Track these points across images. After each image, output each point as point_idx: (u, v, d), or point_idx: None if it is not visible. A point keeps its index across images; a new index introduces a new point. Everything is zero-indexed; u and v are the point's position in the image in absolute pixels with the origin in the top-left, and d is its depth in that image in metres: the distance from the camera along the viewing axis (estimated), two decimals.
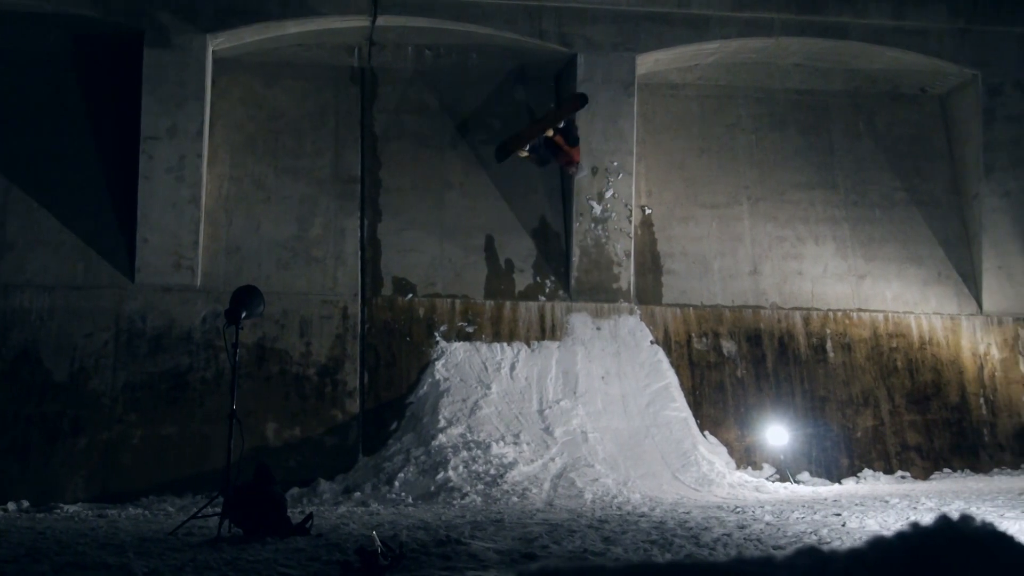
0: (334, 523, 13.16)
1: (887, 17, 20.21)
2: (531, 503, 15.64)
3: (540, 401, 18.33)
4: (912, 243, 20.99)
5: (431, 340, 18.90)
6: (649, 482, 17.18)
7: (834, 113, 21.60)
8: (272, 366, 18.31)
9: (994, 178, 20.70)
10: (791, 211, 20.90)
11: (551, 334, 19.23)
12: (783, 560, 3.18)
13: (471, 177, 19.99)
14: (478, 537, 11.75)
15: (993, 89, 20.73)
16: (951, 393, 20.07)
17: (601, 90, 19.54)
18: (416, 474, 16.69)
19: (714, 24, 19.78)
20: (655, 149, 20.83)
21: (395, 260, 19.33)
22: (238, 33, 18.90)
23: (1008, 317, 20.75)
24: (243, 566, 9.10)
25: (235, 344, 12.33)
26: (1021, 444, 19.93)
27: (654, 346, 19.33)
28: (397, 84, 20.28)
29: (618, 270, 19.57)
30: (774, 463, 18.75)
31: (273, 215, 19.23)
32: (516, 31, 19.35)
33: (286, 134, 19.74)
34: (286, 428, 17.99)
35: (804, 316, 20.23)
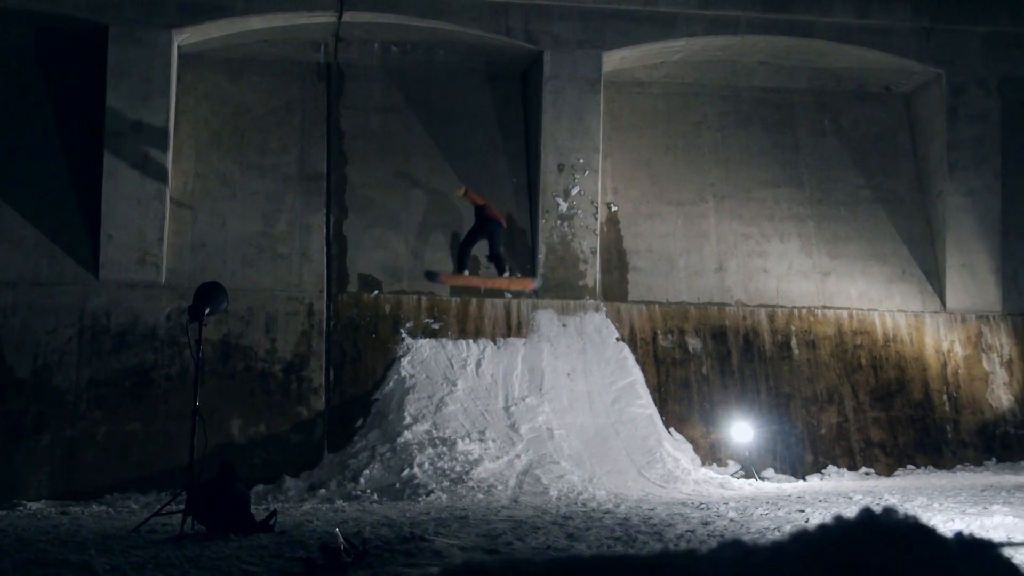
0: (298, 520, 13.12)
1: (852, 16, 20.31)
2: (496, 500, 15.65)
3: (506, 398, 18.33)
4: (877, 241, 21.09)
5: (397, 337, 18.88)
6: (614, 479, 17.20)
7: (799, 111, 21.68)
8: (237, 363, 18.25)
9: (957, 176, 20.82)
10: (756, 209, 20.96)
11: (517, 331, 19.24)
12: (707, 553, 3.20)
13: (438, 174, 19.97)
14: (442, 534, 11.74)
15: (957, 88, 20.84)
16: (915, 390, 20.18)
17: (567, 87, 19.56)
18: (382, 471, 16.67)
19: (680, 22, 19.82)
20: (621, 146, 20.87)
21: (361, 257, 19.30)
22: (203, 28, 18.84)
23: (971, 314, 20.87)
24: (206, 563, 9.07)
25: (198, 341, 12.28)
26: (984, 440, 20.06)
27: (620, 343, 19.37)
28: (363, 80, 20.24)
29: (584, 267, 19.60)
30: (739, 460, 18.81)
31: (239, 211, 19.17)
32: (482, 28, 19.35)
33: (252, 130, 19.68)
34: (251, 425, 17.94)
35: (769, 313, 20.30)
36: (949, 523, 11.65)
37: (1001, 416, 20.33)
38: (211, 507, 11.50)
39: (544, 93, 19.52)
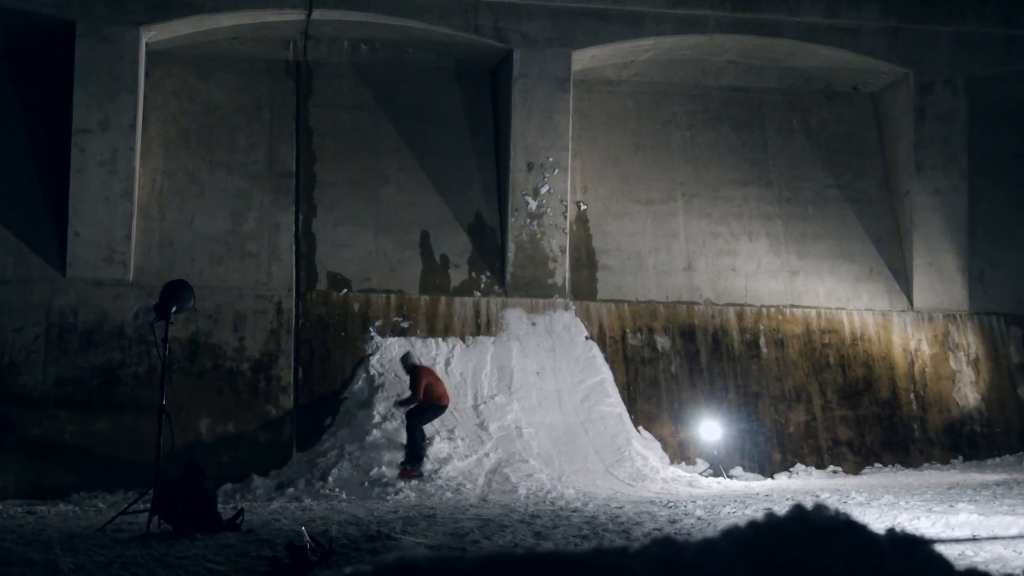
0: (266, 519, 13.11)
1: (820, 15, 20.36)
2: (465, 498, 15.67)
3: (475, 396, 18.35)
4: (845, 240, 21.17)
5: (366, 335, 18.86)
6: (583, 477, 17.24)
7: (768, 110, 21.74)
8: (205, 361, 18.20)
9: (925, 176, 20.91)
10: (725, 208, 21.01)
11: (486, 329, 19.25)
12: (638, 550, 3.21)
13: (407, 172, 19.95)
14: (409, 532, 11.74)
15: (924, 87, 20.93)
16: (882, 388, 20.27)
17: (537, 86, 19.57)
18: (350, 469, 16.66)
19: (649, 21, 19.85)
20: (590, 145, 20.89)
21: (330, 255, 19.27)
22: (171, 26, 18.77)
23: (938, 313, 20.98)
24: (171, 562, 9.05)
25: (165, 339, 12.26)
26: (951, 439, 20.16)
27: (589, 342, 19.39)
28: (332, 78, 20.21)
29: (553, 266, 19.62)
30: (707, 458, 18.84)
31: (207, 209, 19.11)
32: (452, 26, 19.34)
33: (220, 128, 19.62)
34: (219, 423, 17.90)
35: (738, 312, 20.35)
36: (915, 521, 11.72)
37: (968, 415, 20.44)
38: (177, 506, 11.49)
39: (514, 91, 19.52)
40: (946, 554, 8.91)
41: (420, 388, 16.96)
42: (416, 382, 17.05)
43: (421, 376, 17.13)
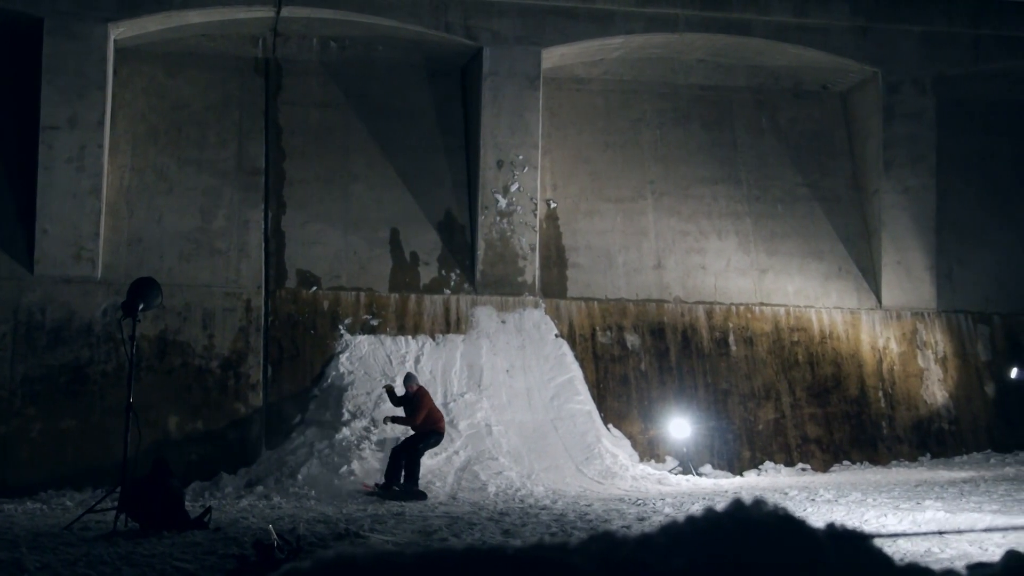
0: (234, 517, 13.10)
1: (789, 14, 20.43)
2: (434, 496, 15.70)
3: (445, 394, 18.33)
4: (813, 238, 21.25)
5: (335, 333, 18.83)
6: (553, 475, 17.26)
7: (737, 109, 21.80)
8: (174, 359, 18.14)
9: (893, 174, 21.01)
10: (695, 206, 21.06)
11: (456, 327, 19.24)
12: (577, 545, 3.22)
13: (376, 170, 19.92)
14: (377, 530, 11.75)
15: (893, 86, 21.03)
16: (851, 386, 20.35)
17: (506, 84, 19.57)
18: (320, 467, 16.63)
19: (619, 19, 19.87)
20: (560, 143, 20.90)
21: (299, 252, 19.23)
22: (140, 22, 18.68)
23: (906, 311, 21.08)
24: (137, 560, 9.04)
25: (132, 336, 12.20)
26: (919, 436, 20.26)
27: (559, 339, 19.40)
28: (302, 76, 20.16)
29: (523, 263, 19.62)
30: (677, 456, 18.89)
31: (176, 207, 19.04)
32: (421, 24, 19.32)
33: (189, 125, 19.55)
34: (188, 421, 17.84)
35: (707, 310, 20.40)
36: (882, 518, 11.80)
37: (935, 412, 20.55)
38: (145, 504, 11.47)
39: (483, 89, 19.52)
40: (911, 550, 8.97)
41: (422, 413, 16.61)
42: (419, 407, 16.68)
43: (425, 401, 16.80)
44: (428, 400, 16.86)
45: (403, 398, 16.86)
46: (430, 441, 16.61)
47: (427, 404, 16.72)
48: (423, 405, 16.63)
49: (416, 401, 16.66)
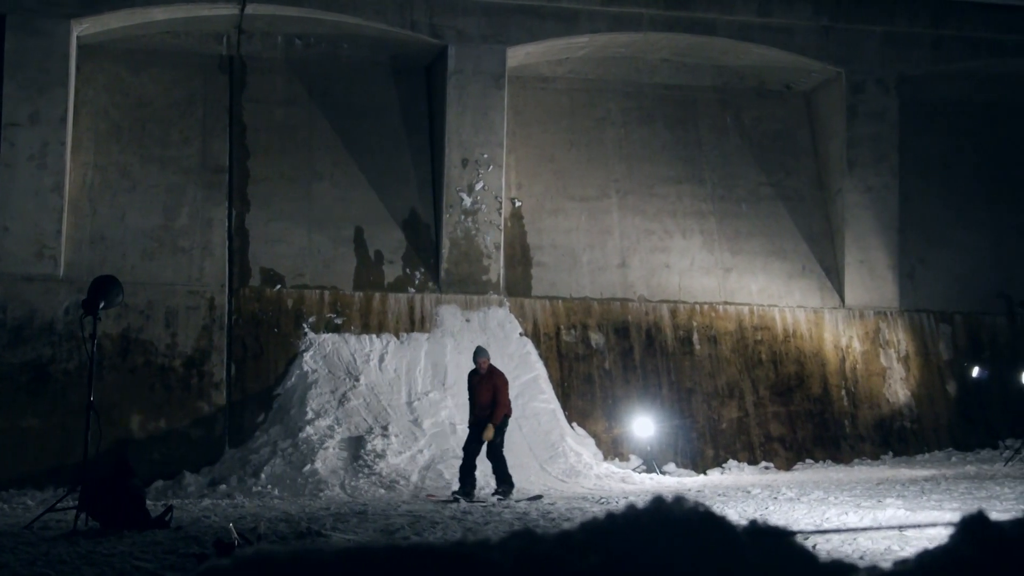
0: (196, 516, 13.05)
1: (753, 14, 20.49)
2: (398, 494, 15.67)
3: (409, 393, 18.32)
4: (777, 237, 21.33)
5: (299, 331, 18.78)
6: (517, 473, 17.21)
7: (702, 108, 21.86)
8: (137, 357, 18.06)
9: (856, 174, 21.10)
10: (659, 205, 21.10)
11: (420, 326, 19.22)
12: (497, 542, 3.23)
13: (341, 168, 19.89)
14: (339, 529, 11.73)
15: (856, 86, 21.13)
16: (814, 385, 20.43)
17: (471, 82, 19.57)
18: (283, 466, 16.59)
19: (584, 18, 19.90)
20: (525, 142, 20.91)
21: (263, 251, 19.17)
22: (103, 19, 18.60)
23: (869, 310, 21.18)
24: (97, 560, 9.00)
25: (93, 335, 12.14)
26: (881, 435, 20.37)
27: (523, 338, 19.41)
28: (266, 73, 20.10)
29: (488, 262, 19.62)
30: (641, 454, 18.93)
31: (139, 204, 18.96)
32: (386, 21, 19.30)
33: (153, 122, 19.47)
34: (151, 420, 17.77)
35: (671, 309, 20.45)
36: (843, 516, 11.84)
37: (898, 411, 20.66)
38: (105, 503, 11.42)
39: (448, 88, 19.52)
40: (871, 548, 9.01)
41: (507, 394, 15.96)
42: (503, 386, 15.95)
43: (504, 379, 16.12)
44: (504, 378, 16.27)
45: (473, 380, 16.08)
46: (505, 429, 16.00)
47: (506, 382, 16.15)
48: (506, 384, 16.09)
49: (496, 381, 15.98)
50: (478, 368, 16.07)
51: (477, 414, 15.91)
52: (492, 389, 15.81)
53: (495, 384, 15.88)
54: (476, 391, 15.99)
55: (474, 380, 16.13)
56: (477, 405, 15.93)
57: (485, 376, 15.97)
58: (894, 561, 3.81)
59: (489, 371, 16.02)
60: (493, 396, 15.76)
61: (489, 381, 15.90)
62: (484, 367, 16.01)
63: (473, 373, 16.20)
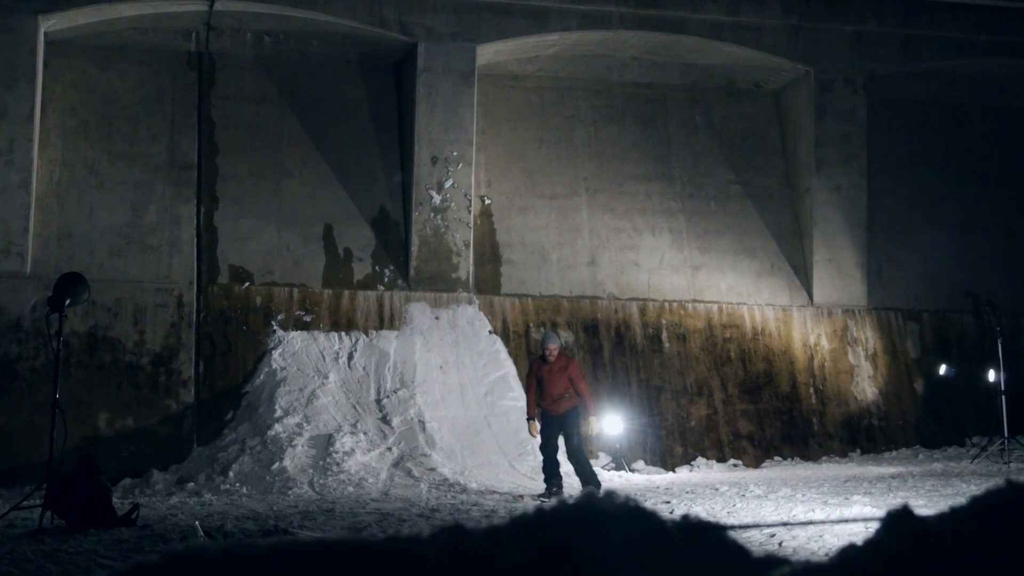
0: (163, 514, 13.04)
1: (723, 13, 20.53)
2: (367, 492, 15.64)
3: (378, 391, 18.30)
4: (746, 236, 21.38)
5: (268, 329, 18.74)
6: (486, 471, 17.28)
7: (671, 107, 21.89)
8: (105, 355, 17.99)
9: (824, 173, 21.17)
10: (629, 203, 21.13)
11: (390, 323, 19.20)
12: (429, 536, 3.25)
13: (310, 165, 19.85)
14: (307, 527, 11.74)
15: (825, 85, 21.19)
16: (782, 383, 20.50)
17: (441, 80, 19.55)
18: (252, 464, 16.55)
19: (554, 16, 19.90)
20: (495, 139, 20.91)
21: (232, 248, 19.12)
22: (71, 15, 18.51)
23: (837, 308, 21.26)
24: (62, 558, 8.98)
25: (59, 332, 12.11)
26: (849, 432, 20.45)
27: (492, 336, 19.41)
28: (235, 70, 20.04)
29: (457, 260, 19.62)
30: (609, 452, 18.96)
31: (107, 201, 18.88)
32: (356, 19, 19.26)
33: (121, 119, 19.39)
34: (119, 418, 17.71)
35: (640, 307, 20.48)
36: (810, 513, 11.90)
37: (866, 408, 20.74)
38: (71, 501, 11.40)
39: (418, 85, 19.49)
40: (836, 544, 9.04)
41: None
42: (581, 373, 15.31)
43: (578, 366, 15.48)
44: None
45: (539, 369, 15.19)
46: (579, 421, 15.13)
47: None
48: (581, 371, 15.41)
49: (572, 369, 15.17)
50: (546, 355, 15.19)
51: (546, 407, 15.10)
52: (568, 378, 15.04)
53: (571, 372, 15.10)
54: (545, 381, 15.10)
55: (542, 369, 15.21)
56: (547, 396, 15.11)
57: (557, 364, 15.14)
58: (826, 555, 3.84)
59: (560, 359, 15.18)
60: (568, 386, 15.00)
61: (564, 370, 15.08)
62: (554, 354, 15.15)
63: (539, 361, 15.36)
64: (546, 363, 15.17)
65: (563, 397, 15.04)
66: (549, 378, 15.09)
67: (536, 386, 15.29)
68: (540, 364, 15.30)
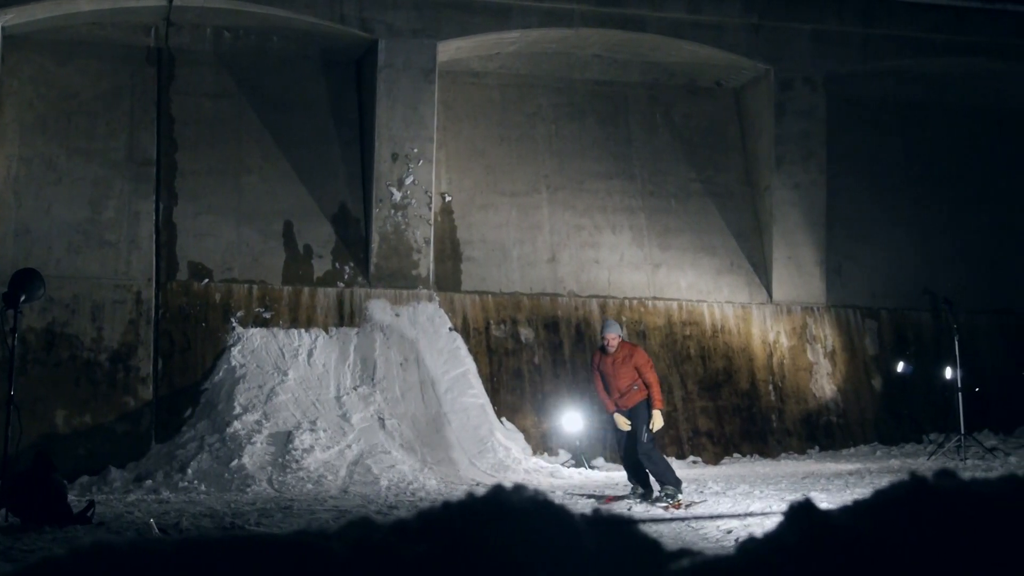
0: (120, 511, 13.03)
1: (684, 11, 20.57)
2: (326, 490, 15.64)
3: (338, 387, 18.26)
4: (706, 233, 21.45)
5: (227, 326, 18.68)
6: (446, 468, 17.29)
7: (632, 105, 21.94)
8: (62, 352, 17.89)
9: (784, 170, 21.26)
10: (589, 200, 21.16)
11: (350, 320, 19.17)
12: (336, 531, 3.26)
13: (270, 161, 19.79)
14: (264, 524, 11.75)
15: (784, 84, 21.27)
16: (742, 380, 20.58)
17: (402, 76, 19.52)
18: (210, 461, 16.51)
19: (515, 13, 19.90)
20: (456, 136, 20.90)
21: (191, 245, 19.05)
22: (28, 9, 18.36)
23: (796, 306, 21.35)
24: (16, 556, 8.96)
25: (13, 329, 12.09)
26: (807, 429, 20.55)
27: (453, 333, 19.40)
28: (195, 66, 19.95)
29: (417, 257, 19.60)
30: (570, 449, 18.99)
31: (64, 197, 18.77)
32: (316, 15, 19.20)
33: (79, 114, 19.28)
34: (76, 415, 17.62)
35: (601, 304, 20.51)
36: (767, 509, 11.98)
37: (824, 406, 20.85)
38: (26, 499, 11.36)
39: (379, 82, 19.46)
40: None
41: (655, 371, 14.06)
42: (648, 363, 14.02)
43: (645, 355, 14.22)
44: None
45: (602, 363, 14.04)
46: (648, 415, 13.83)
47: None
48: (650, 361, 14.17)
49: (637, 359, 13.96)
50: (606, 346, 14.02)
51: (617, 402, 14.00)
52: (633, 368, 13.85)
53: (636, 362, 13.90)
54: (609, 375, 13.99)
55: (604, 362, 14.07)
56: (612, 391, 14.01)
57: (619, 354, 13.95)
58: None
59: (622, 348, 13.99)
60: (636, 378, 13.86)
61: (627, 361, 13.87)
62: (613, 344, 13.93)
63: (599, 353, 14.24)
64: (607, 354, 14.00)
65: (631, 390, 13.89)
66: (612, 371, 13.95)
67: (601, 381, 14.20)
68: (601, 356, 14.15)
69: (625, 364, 13.83)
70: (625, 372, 13.82)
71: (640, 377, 13.81)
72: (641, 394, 13.83)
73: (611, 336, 13.91)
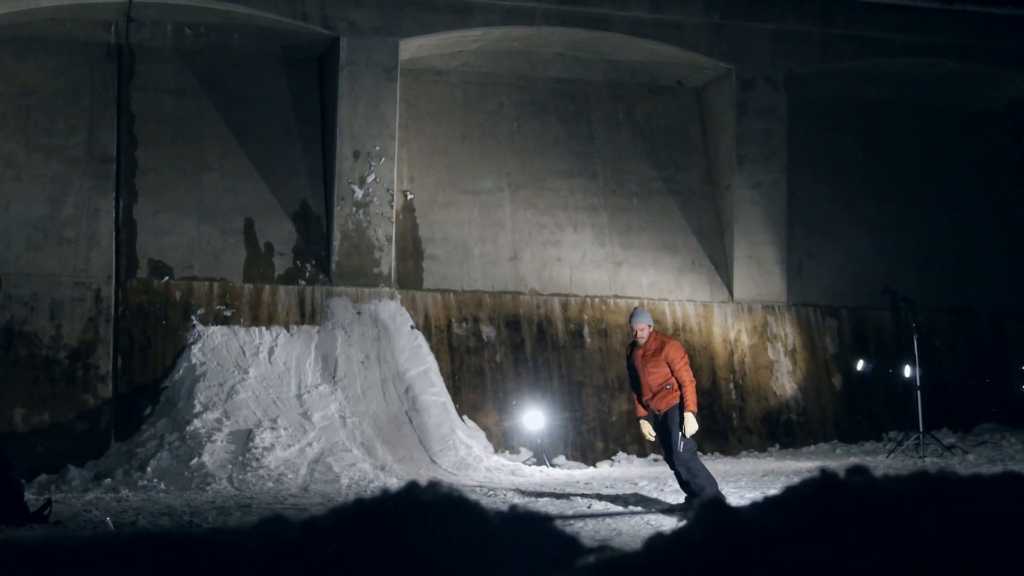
0: (78, 510, 12.99)
1: (646, 10, 20.61)
2: (286, 488, 15.62)
3: (299, 386, 18.23)
4: (668, 232, 21.49)
5: (188, 324, 18.60)
6: (407, 466, 17.29)
7: (594, 103, 21.95)
8: (20, 349, 17.79)
9: (746, 170, 21.32)
10: (551, 199, 21.17)
11: (311, 318, 19.12)
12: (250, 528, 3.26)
13: (231, 159, 19.72)
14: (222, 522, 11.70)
15: (746, 83, 21.34)
16: (703, 378, 20.59)
17: (364, 74, 19.49)
18: (170, 460, 16.45)
19: (477, 11, 19.90)
20: (417, 134, 20.87)
21: (151, 242, 18.96)
22: None
23: (757, 304, 21.42)
24: None
25: None
26: (768, 427, 20.64)
27: (414, 331, 19.38)
28: (156, 62, 19.85)
29: (379, 255, 19.57)
30: (531, 447, 19.01)
31: (23, 194, 18.65)
32: (278, 12, 19.13)
33: (38, 111, 19.16)
34: (35, 413, 17.53)
35: (562, 302, 20.53)
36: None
37: (784, 404, 20.94)
38: None
39: (340, 79, 19.42)
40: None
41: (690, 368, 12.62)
42: (682, 359, 12.52)
43: (680, 349, 12.71)
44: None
45: (633, 357, 12.72)
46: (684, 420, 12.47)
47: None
48: (685, 357, 12.59)
49: (669, 353, 12.47)
50: (636, 339, 12.67)
51: (649, 403, 12.68)
52: (665, 363, 12.43)
53: (669, 357, 12.44)
54: (639, 371, 12.64)
55: (635, 356, 12.72)
56: (645, 390, 12.66)
57: (650, 346, 12.56)
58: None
59: (654, 341, 12.59)
60: (669, 375, 12.48)
61: (657, 355, 12.45)
62: (643, 334, 12.57)
63: (631, 347, 12.90)
64: (638, 347, 12.65)
65: (663, 390, 12.52)
66: (642, 366, 12.57)
67: (633, 379, 12.92)
68: (632, 350, 12.82)
69: (655, 358, 12.45)
70: (655, 368, 12.46)
71: (672, 375, 12.46)
72: (675, 396, 12.45)
73: (640, 326, 12.59)
